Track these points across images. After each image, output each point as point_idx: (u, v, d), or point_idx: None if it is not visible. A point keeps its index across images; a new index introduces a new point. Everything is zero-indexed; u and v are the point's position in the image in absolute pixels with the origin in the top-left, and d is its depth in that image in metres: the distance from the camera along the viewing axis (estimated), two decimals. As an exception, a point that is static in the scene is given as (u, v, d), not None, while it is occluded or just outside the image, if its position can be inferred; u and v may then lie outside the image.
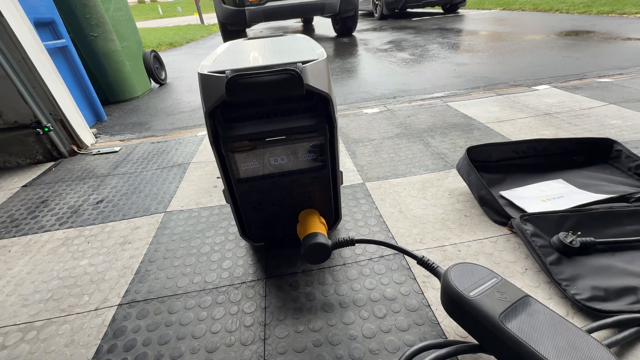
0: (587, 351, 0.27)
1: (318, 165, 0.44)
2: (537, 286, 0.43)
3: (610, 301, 0.39)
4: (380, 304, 0.42)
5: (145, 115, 1.42)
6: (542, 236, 0.47)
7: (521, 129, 0.89)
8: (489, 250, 0.49)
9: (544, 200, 0.57)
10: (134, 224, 0.63)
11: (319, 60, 0.39)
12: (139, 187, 0.76)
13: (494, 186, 0.63)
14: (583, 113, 0.95)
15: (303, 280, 0.47)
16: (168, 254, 0.54)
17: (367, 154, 0.83)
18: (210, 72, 0.37)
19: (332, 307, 0.42)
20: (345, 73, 1.86)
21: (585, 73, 1.35)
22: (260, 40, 0.59)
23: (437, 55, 2.06)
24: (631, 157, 0.62)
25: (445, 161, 0.76)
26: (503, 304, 0.31)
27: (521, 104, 1.07)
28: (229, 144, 0.40)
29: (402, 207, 0.61)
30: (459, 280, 0.34)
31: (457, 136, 0.88)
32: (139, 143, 1.03)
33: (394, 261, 0.48)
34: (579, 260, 0.44)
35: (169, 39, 4.16)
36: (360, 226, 0.57)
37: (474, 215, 0.57)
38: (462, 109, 1.07)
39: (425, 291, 0.43)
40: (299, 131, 0.41)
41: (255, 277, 0.48)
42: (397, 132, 0.94)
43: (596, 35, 2.13)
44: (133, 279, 0.50)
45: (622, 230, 0.48)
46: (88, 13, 1.39)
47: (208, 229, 0.59)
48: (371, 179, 0.71)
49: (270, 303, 0.44)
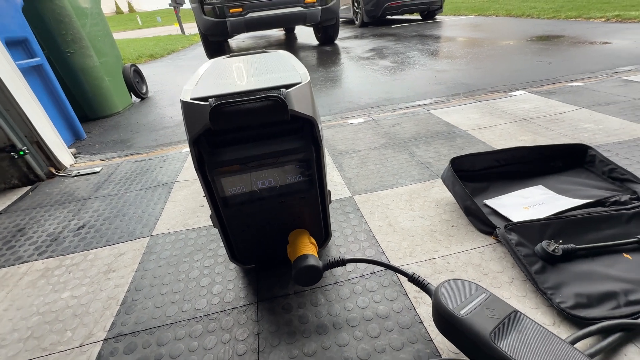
0: (574, 364, 0.28)
1: (306, 185, 0.44)
2: (524, 295, 0.44)
3: (593, 307, 0.40)
4: (374, 322, 0.42)
5: (127, 132, 1.39)
6: (527, 245, 0.49)
7: (501, 135, 0.92)
8: (477, 261, 0.50)
9: (526, 207, 0.59)
10: (118, 250, 0.61)
11: (303, 84, 0.39)
12: (122, 210, 0.73)
13: (478, 195, 0.64)
14: (558, 118, 0.99)
15: (295, 302, 0.46)
16: (155, 280, 0.53)
17: (354, 165, 0.83)
18: (193, 100, 0.36)
19: (326, 329, 0.42)
20: (329, 82, 1.88)
21: (558, 77, 1.41)
22: (242, 59, 0.59)
23: (417, 62, 2.11)
24: (604, 162, 0.65)
25: (431, 171, 0.77)
26: (493, 322, 0.31)
27: (500, 110, 1.10)
28: (214, 169, 0.40)
29: (391, 219, 0.61)
30: (449, 298, 0.34)
31: (440, 144, 0.90)
32: (121, 162, 1.01)
33: (385, 277, 0.49)
34: (562, 268, 0.46)
35: (149, 51, 4.10)
36: (350, 242, 0.57)
37: (460, 226, 0.58)
38: (444, 117, 1.09)
39: (417, 307, 0.44)
40: (285, 154, 0.41)
41: (247, 302, 0.47)
42: (383, 142, 0.95)
43: (566, 40, 2.24)
44: (119, 310, 0.48)
45: (600, 235, 0.50)
46: (63, 29, 1.35)
47: (196, 251, 0.58)
48: (359, 192, 0.71)
49: (263, 328, 0.43)
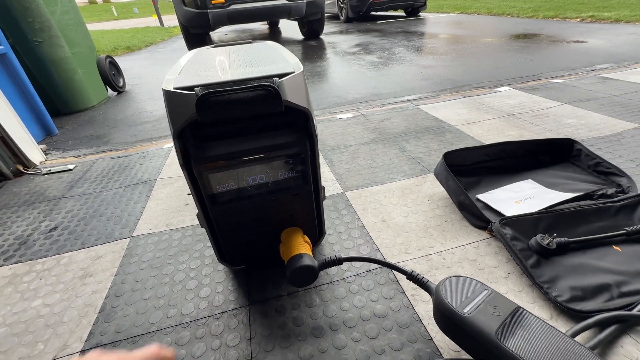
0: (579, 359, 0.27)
1: (299, 182, 0.42)
2: (521, 290, 0.43)
3: (588, 300, 0.40)
4: (372, 322, 0.41)
5: (103, 127, 1.31)
6: (521, 239, 0.48)
7: (489, 130, 0.92)
8: (472, 256, 0.50)
9: (518, 201, 0.59)
10: (95, 253, 0.56)
11: (297, 74, 0.37)
12: (99, 210, 0.69)
13: (470, 189, 0.64)
14: (542, 113, 1.01)
15: (289, 303, 0.44)
16: (137, 285, 0.49)
17: (345, 161, 0.82)
18: (176, 89, 0.33)
19: (322, 331, 0.40)
20: (316, 77, 1.85)
21: (540, 74, 1.45)
22: (228, 49, 0.56)
23: (403, 58, 2.11)
24: (589, 156, 0.67)
25: (422, 166, 0.76)
26: (497, 320, 0.30)
27: (486, 105, 1.12)
28: (201, 165, 0.37)
29: (384, 215, 0.60)
30: (451, 296, 0.33)
31: (430, 139, 0.89)
32: (97, 159, 0.95)
33: (381, 275, 0.47)
34: (556, 261, 0.46)
35: (125, 43, 3.91)
36: (344, 239, 0.55)
37: (454, 221, 0.57)
38: (432, 112, 1.09)
39: (415, 305, 0.42)
40: (277, 148, 0.38)
41: (238, 304, 0.45)
42: (373, 137, 0.94)
43: (545, 38, 2.30)
44: (97, 319, 0.44)
45: (590, 228, 0.51)
46: (30, 17, 1.25)
47: (181, 253, 0.55)
48: (351, 188, 0.70)
49: (255, 333, 0.41)
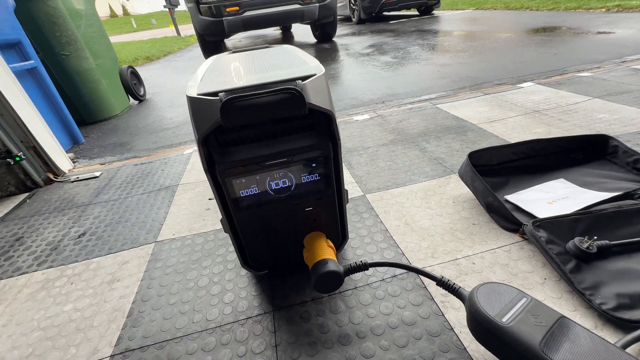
0: (636, 377, 0.25)
1: (322, 185, 0.41)
2: (560, 297, 0.41)
3: (637, 308, 0.37)
4: (400, 330, 0.39)
5: (126, 135, 1.35)
6: (557, 242, 0.46)
7: (514, 128, 0.89)
8: (504, 260, 0.47)
9: (550, 202, 0.56)
10: (122, 258, 0.58)
11: (319, 76, 0.36)
12: (124, 216, 0.70)
13: (497, 190, 0.61)
14: (570, 109, 0.96)
15: (314, 309, 0.43)
16: (162, 290, 0.50)
17: (364, 163, 0.80)
18: (200, 95, 0.33)
19: (349, 339, 0.39)
20: (331, 79, 1.84)
21: (565, 68, 1.38)
22: (247, 54, 0.56)
23: (419, 57, 2.08)
24: (628, 152, 0.63)
25: (444, 166, 0.74)
26: (540, 330, 0.28)
27: (509, 102, 1.07)
28: (225, 171, 0.36)
29: (408, 218, 0.59)
30: (487, 304, 0.31)
31: (451, 139, 0.87)
32: (121, 166, 0.98)
33: (407, 280, 0.46)
34: (597, 266, 0.43)
35: (145, 53, 4.06)
36: (366, 243, 0.54)
37: (482, 223, 0.55)
38: (452, 111, 1.06)
39: (446, 312, 0.41)
40: (300, 152, 0.38)
41: (262, 310, 0.44)
42: (391, 138, 0.92)
43: (568, 31, 2.21)
44: (125, 323, 0.45)
45: (634, 230, 0.48)
46: (57, 31, 1.32)
47: (204, 257, 0.55)
48: (371, 190, 0.68)
49: (281, 339, 0.40)
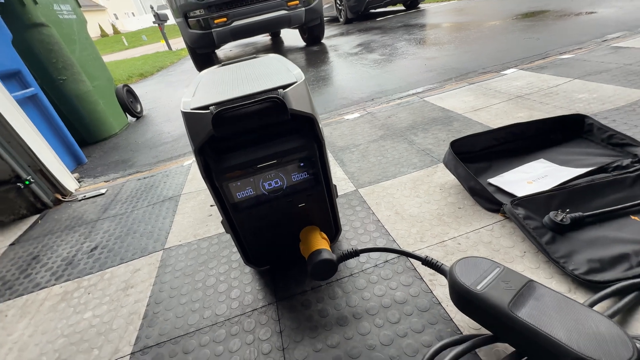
0: (593, 325, 0.28)
1: (312, 183, 0.45)
2: (538, 267, 0.44)
3: (606, 271, 0.41)
4: (393, 309, 0.43)
5: (127, 152, 1.40)
6: (534, 218, 0.49)
7: (497, 114, 0.92)
8: (487, 239, 0.51)
9: (530, 181, 0.60)
10: (133, 267, 0.62)
11: (299, 83, 0.40)
12: (132, 228, 0.74)
13: (481, 175, 0.65)
14: (552, 91, 1.00)
15: (314, 297, 0.47)
16: (173, 292, 0.54)
17: (355, 160, 0.84)
18: (193, 109, 0.37)
19: (347, 320, 0.43)
20: (321, 81, 1.88)
21: (547, 52, 1.42)
22: (234, 66, 0.60)
23: (406, 52, 2.11)
24: (602, 129, 0.66)
25: (432, 156, 0.78)
26: (510, 293, 0.32)
27: (493, 90, 1.11)
28: (221, 176, 0.40)
29: (398, 208, 0.62)
30: (464, 276, 0.35)
31: (438, 130, 0.90)
32: (125, 182, 1.02)
33: (398, 264, 0.49)
34: (571, 236, 0.46)
35: (138, 70, 4.12)
36: (360, 234, 0.58)
37: (467, 207, 0.59)
38: (438, 103, 1.10)
39: (434, 289, 0.44)
40: (288, 154, 0.42)
41: (266, 302, 0.48)
42: (381, 134, 0.96)
43: (551, 14, 2.24)
44: (142, 324, 0.49)
45: (606, 201, 0.51)
46: (54, 57, 1.36)
47: (210, 260, 0.59)
48: (363, 185, 0.72)
49: (285, 326, 0.44)
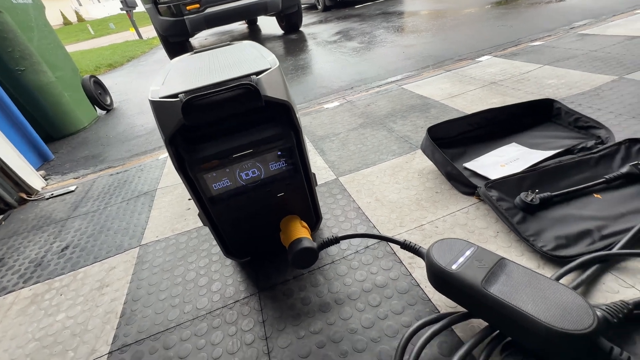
0: (559, 297, 0.30)
1: (290, 171, 0.45)
2: (510, 246, 0.46)
3: (571, 246, 0.43)
4: (374, 292, 0.44)
5: (97, 147, 1.33)
6: (507, 199, 0.51)
7: (472, 100, 0.94)
8: (463, 221, 0.52)
9: (503, 165, 0.62)
10: (108, 265, 0.59)
11: (273, 69, 0.39)
12: (105, 225, 0.71)
13: (457, 160, 0.66)
14: (523, 77, 1.03)
15: (296, 286, 0.47)
16: (152, 288, 0.52)
17: (335, 148, 0.84)
18: (162, 98, 0.36)
19: (329, 306, 0.43)
20: (300, 70, 1.85)
21: (520, 39, 1.46)
22: (207, 53, 0.58)
23: (384, 40, 2.11)
24: (569, 113, 0.69)
25: (410, 143, 0.79)
26: (483, 271, 0.33)
27: (468, 76, 1.13)
28: (195, 167, 0.39)
29: (378, 195, 0.63)
30: (440, 257, 0.36)
31: (416, 117, 0.91)
32: (96, 178, 0.97)
33: (379, 249, 0.50)
34: (540, 216, 0.49)
35: (107, 60, 3.89)
36: (341, 221, 0.58)
37: (444, 191, 0.60)
38: (416, 90, 1.11)
39: (413, 272, 0.45)
40: (264, 142, 0.41)
41: (248, 293, 0.48)
42: (360, 122, 0.96)
43: (523, 2, 2.30)
44: (119, 323, 0.47)
45: (572, 181, 0.54)
46: (9, 46, 1.26)
47: (189, 254, 0.58)
48: (344, 173, 0.72)
49: (267, 316, 0.44)
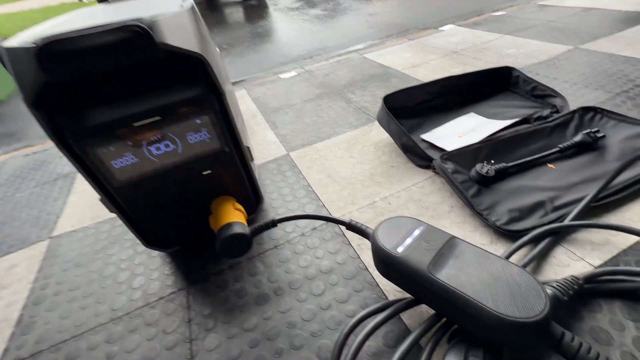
0: (509, 279, 0.27)
1: (215, 144, 0.37)
2: (463, 221, 0.43)
3: (525, 219, 0.41)
4: (318, 280, 0.39)
5: (16, 123, 1.14)
6: (462, 172, 0.48)
7: (434, 70, 0.90)
8: (417, 196, 0.49)
9: (460, 136, 0.58)
10: (9, 263, 0.49)
11: (180, 12, 0.31)
12: (11, 215, 0.60)
13: (414, 131, 0.62)
14: (484, 47, 1.00)
15: (231, 276, 0.41)
16: (60, 288, 0.44)
17: (289, 121, 0.76)
18: (15, 46, 0.26)
19: (267, 298, 0.38)
20: (258, 38, 1.71)
21: (482, 9, 1.42)
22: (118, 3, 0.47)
23: (348, 8, 2.00)
24: (527, 81, 0.66)
25: (368, 115, 0.73)
26: (430, 253, 0.29)
27: (431, 46, 1.08)
28: (80, 139, 0.30)
29: (330, 171, 0.57)
30: (386, 238, 0.31)
31: (376, 87, 0.86)
32: (7, 158, 0.82)
33: (326, 231, 0.45)
34: (495, 188, 0.46)
35: (37, 25, 3.37)
36: (288, 201, 0.52)
37: (399, 165, 0.56)
38: (378, 60, 1.05)
39: (361, 254, 0.41)
40: (175, 107, 0.33)
41: (175, 288, 0.41)
42: (318, 92, 0.88)
43: (487, -27, 2.26)
44: (13, 333, 0.39)
45: (528, 150, 0.51)
46: None
47: (110, 245, 0.49)
48: (295, 148, 0.66)
49: (195, 313, 0.38)
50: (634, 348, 0.28)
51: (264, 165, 0.61)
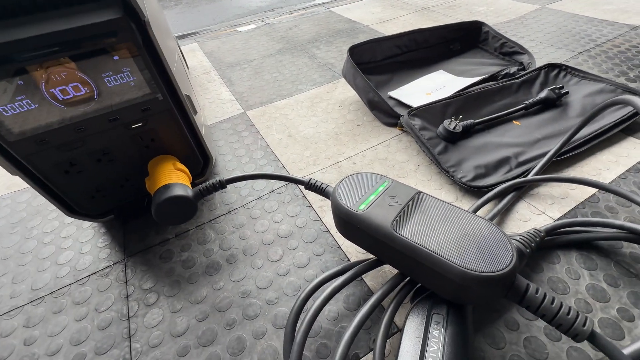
0: (477, 232, 0.25)
1: (143, 90, 0.30)
2: (430, 179, 0.41)
3: (490, 175, 0.40)
4: (275, 245, 0.36)
5: None
6: (430, 128, 0.45)
7: (404, 26, 0.85)
8: (383, 155, 0.46)
9: (429, 93, 0.56)
10: None
11: None
12: None
13: (382, 88, 0.58)
14: (455, 4, 0.95)
15: (177, 246, 0.37)
16: (-35, 269, 0.36)
17: (246, 78, 0.69)
18: None
19: (219, 267, 0.34)
20: (213, -12, 1.52)
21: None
22: None
23: (315, -42, 1.82)
24: (496, 37, 0.64)
25: (333, 71, 0.68)
26: (395, 210, 0.26)
27: (401, 1, 1.02)
28: (-56, 74, 0.23)
29: (291, 130, 0.52)
30: (346, 196, 0.28)
31: (342, 43, 0.79)
32: None
33: (286, 193, 0.41)
34: (462, 145, 0.44)
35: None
36: (244, 163, 0.47)
37: (365, 123, 0.52)
38: (345, 14, 0.97)
39: (323, 216, 0.38)
40: (80, 35, 0.25)
41: (111, 262, 0.36)
42: (279, 47, 0.80)
43: None
44: None
45: (494, 107, 0.50)
46: None
47: (31, 217, 0.42)
48: (253, 106, 0.59)
49: (134, 288, 0.33)
50: (588, 295, 0.29)
51: (217, 125, 0.55)
